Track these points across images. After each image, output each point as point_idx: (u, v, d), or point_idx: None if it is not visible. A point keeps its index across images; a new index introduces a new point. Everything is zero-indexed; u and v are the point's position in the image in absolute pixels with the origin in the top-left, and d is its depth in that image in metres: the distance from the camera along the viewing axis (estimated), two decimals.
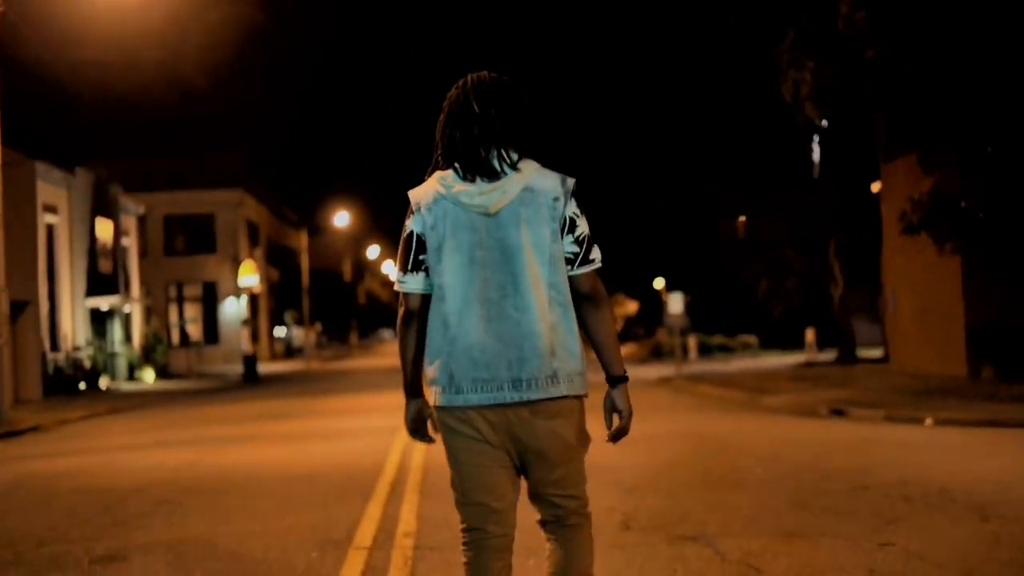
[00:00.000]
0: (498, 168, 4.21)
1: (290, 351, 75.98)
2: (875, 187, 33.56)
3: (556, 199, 4.22)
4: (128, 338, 46.95)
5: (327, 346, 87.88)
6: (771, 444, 14.12)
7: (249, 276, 59.32)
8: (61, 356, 38.09)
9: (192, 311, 64.61)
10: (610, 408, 4.34)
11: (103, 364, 41.60)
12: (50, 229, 38.04)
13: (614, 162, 68.75)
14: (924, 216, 22.73)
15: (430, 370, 4.24)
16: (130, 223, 49.47)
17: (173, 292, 64.08)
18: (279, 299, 73.31)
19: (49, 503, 11.02)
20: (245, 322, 56.50)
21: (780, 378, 29.34)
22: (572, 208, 4.25)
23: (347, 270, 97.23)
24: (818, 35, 24.56)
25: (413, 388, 4.40)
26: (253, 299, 64.51)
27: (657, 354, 49.84)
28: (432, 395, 4.24)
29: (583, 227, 4.27)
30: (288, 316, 74.60)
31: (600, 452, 12.73)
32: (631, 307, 71.26)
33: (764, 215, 38.52)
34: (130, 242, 49.31)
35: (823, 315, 41.21)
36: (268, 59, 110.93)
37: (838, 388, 24.30)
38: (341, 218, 71.36)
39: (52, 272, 38.11)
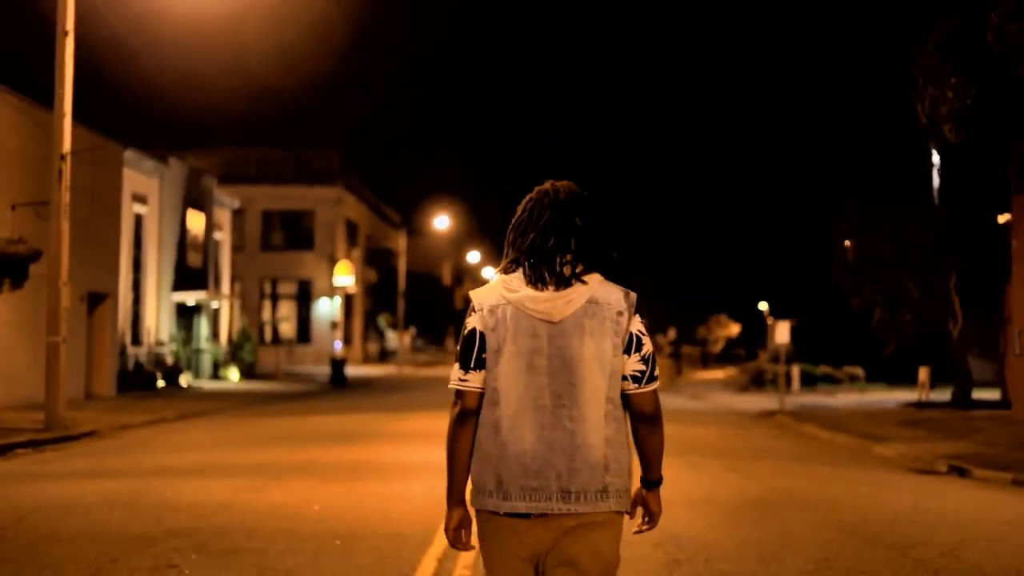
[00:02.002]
0: (568, 278, 4.13)
1: (384, 354, 74.71)
2: (1001, 219, 31.28)
3: (620, 313, 4.15)
4: (215, 335, 45.87)
5: (422, 350, 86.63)
6: (896, 523, 11.98)
7: (344, 276, 58.30)
8: (143, 351, 37.01)
9: (286, 309, 63.65)
10: (639, 505, 4.31)
11: (186, 361, 40.54)
12: (138, 219, 36.99)
13: (723, 182, 67.07)
14: None
15: (476, 473, 4.18)
16: (224, 217, 48.36)
17: (268, 288, 63.19)
18: (375, 301, 72.06)
19: (38, 555, 9.39)
20: (334, 324, 55.37)
21: (891, 421, 27.34)
22: (637, 324, 4.18)
23: (446, 274, 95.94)
24: (964, 46, 22.08)
25: (458, 495, 4.28)
26: (348, 300, 63.36)
27: (759, 382, 48.00)
28: (475, 498, 4.19)
29: (648, 345, 4.20)
30: (383, 319, 73.31)
31: (699, 527, 10.94)
32: (733, 329, 69.34)
33: (874, 233, 36.04)
34: (223, 236, 48.20)
35: (936, 350, 38.65)
36: (372, 57, 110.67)
37: (955, 439, 22.42)
38: (441, 221, 69.79)
39: (138, 263, 37.05)
